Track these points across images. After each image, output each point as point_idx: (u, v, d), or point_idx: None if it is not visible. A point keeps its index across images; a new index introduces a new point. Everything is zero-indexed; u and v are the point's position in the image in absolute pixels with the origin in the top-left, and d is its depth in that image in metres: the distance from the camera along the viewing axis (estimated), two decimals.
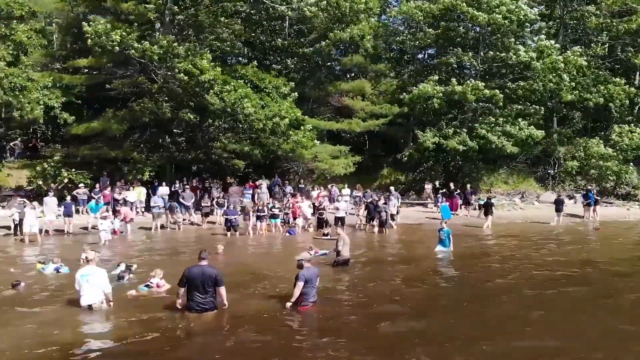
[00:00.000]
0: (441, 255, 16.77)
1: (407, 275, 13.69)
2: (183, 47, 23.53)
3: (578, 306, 10.90)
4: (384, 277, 13.51)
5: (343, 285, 12.61)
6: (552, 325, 9.47)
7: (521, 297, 11.54)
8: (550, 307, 10.61)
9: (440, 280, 13.66)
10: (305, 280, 10.05)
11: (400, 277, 13.52)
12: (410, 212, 28.79)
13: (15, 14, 23.56)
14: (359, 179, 33.38)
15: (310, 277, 10.17)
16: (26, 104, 22.05)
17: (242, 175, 31.19)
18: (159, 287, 12.24)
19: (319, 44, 28.86)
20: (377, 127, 30.98)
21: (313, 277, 10.25)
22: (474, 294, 11.86)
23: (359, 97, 31.24)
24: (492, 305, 10.95)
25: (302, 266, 10.25)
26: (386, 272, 14.20)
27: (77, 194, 24.35)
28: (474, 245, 19.44)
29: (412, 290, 12.10)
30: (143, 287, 12.12)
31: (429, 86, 28.58)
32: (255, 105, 23.72)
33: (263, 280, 12.77)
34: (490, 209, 24.51)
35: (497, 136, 28.92)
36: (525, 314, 10.17)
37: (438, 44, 31.13)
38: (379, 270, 14.44)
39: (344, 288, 12.37)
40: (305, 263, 10.32)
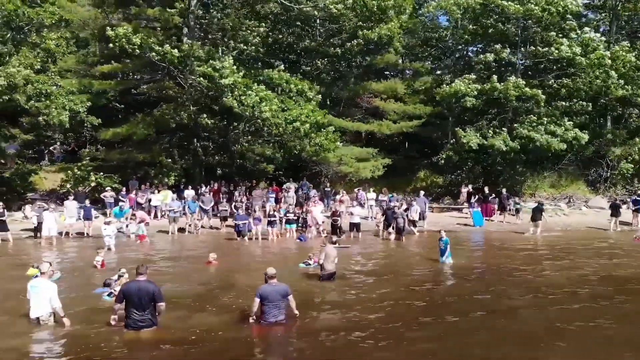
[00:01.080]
0: (442, 267, 15.64)
1: (391, 295, 12.25)
2: (203, 50, 23.38)
3: None
4: (373, 294, 12.42)
5: (326, 304, 11.54)
6: None
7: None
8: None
9: (421, 301, 11.89)
10: (263, 297, 9.33)
11: (385, 297, 12.16)
12: (442, 217, 27.40)
13: (46, 22, 24.25)
14: (393, 182, 32.27)
15: (270, 294, 9.35)
16: (52, 109, 22.62)
17: (272, 178, 31.02)
18: None
19: (349, 44, 28.00)
20: (410, 128, 29.74)
21: (274, 295, 9.38)
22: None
23: (391, 99, 30.10)
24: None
25: (265, 280, 9.56)
26: (376, 288, 13.15)
27: (104, 197, 24.88)
28: (495, 256, 18.07)
29: (388, 315, 10.85)
30: (106, 296, 11.92)
31: (462, 84, 27.07)
32: (274, 109, 23.22)
33: (238, 292, 12.15)
34: (539, 214, 22.98)
35: (541, 134, 26.96)
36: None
37: (476, 40, 29.48)
38: (371, 286, 13.40)
39: (327, 307, 11.29)
40: (270, 278, 9.53)
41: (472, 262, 16.49)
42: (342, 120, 28.63)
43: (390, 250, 19.18)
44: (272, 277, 9.53)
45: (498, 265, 16.39)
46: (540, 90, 26.98)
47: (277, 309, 9.44)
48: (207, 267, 15.10)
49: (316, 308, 11.02)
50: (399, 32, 27.40)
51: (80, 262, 16.94)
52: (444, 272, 15.24)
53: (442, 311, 10.86)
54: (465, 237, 22.77)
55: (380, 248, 19.65)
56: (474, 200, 27.18)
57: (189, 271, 14.80)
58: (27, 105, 22.30)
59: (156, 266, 15.41)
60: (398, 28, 27.50)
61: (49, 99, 22.68)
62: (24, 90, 21.44)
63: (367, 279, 13.94)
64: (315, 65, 29.39)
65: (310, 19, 28.45)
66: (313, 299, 11.68)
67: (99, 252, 16.22)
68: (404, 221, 20.89)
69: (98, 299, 11.71)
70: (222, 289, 12.14)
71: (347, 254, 17.66)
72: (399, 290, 12.71)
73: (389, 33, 26.91)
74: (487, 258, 17.94)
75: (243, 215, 20.86)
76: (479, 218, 25.38)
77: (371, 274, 14.69)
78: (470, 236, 23.21)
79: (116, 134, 25.93)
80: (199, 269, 15.08)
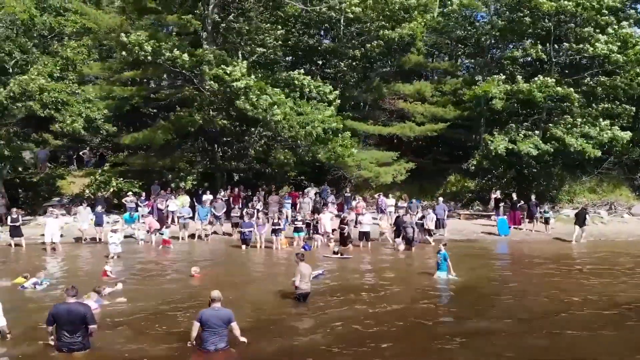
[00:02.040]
0: (435, 283, 14.58)
1: (356, 317, 11.30)
2: (214, 54, 23.16)
3: None
4: (356, 315, 11.53)
5: (286, 328, 10.74)
6: None
7: None
8: None
9: (385, 325, 10.78)
10: (203, 322, 8.73)
11: (350, 318, 11.25)
12: (468, 225, 26.05)
13: (66, 31, 24.75)
14: (422, 186, 31.12)
15: (211, 319, 8.71)
16: (67, 117, 23.00)
17: (295, 183, 30.57)
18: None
19: (369, 45, 27.08)
20: (435, 131, 28.46)
21: (215, 320, 8.73)
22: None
23: (417, 102, 28.89)
24: None
25: (209, 303, 9.00)
26: (362, 306, 12.30)
27: (125, 202, 25.13)
28: (504, 270, 16.82)
29: (343, 340, 9.99)
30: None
31: (490, 85, 25.60)
32: (287, 112, 22.68)
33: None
34: (582, 220, 21.85)
35: (576, 138, 25.09)
36: None
37: (506, 38, 27.84)
38: (347, 303, 12.50)
39: (287, 331, 10.50)
40: (213, 301, 8.90)
41: (473, 278, 15.29)
42: (362, 124, 27.73)
43: (392, 263, 18.12)
44: (215, 300, 8.93)
45: (497, 280, 15.35)
46: (574, 89, 25.08)
47: (217, 336, 8.81)
48: (189, 280, 14.67)
49: (271, 332, 10.32)
50: (422, 31, 26.16)
51: (84, 269, 17.14)
52: (435, 289, 14.12)
53: (394, 339, 9.94)
54: (482, 247, 21.50)
55: (384, 260, 18.63)
56: (502, 206, 25.71)
57: (167, 284, 14.45)
58: (44, 113, 22.71)
59: (138, 277, 15.25)
60: (422, 27, 26.25)
61: (65, 107, 23.04)
62: (39, 99, 21.79)
63: (344, 296, 13.04)
64: (338, 67, 28.60)
65: (331, 21, 27.67)
66: (272, 323, 10.98)
67: (107, 262, 16.36)
68: (414, 231, 19.81)
69: None
70: (185, 308, 11.61)
71: (343, 267, 16.92)
72: (366, 311, 11.76)
73: (412, 32, 25.73)
74: (489, 271, 16.74)
75: (249, 223, 20.41)
76: (504, 227, 23.88)
77: (350, 290, 13.75)
78: (490, 247, 21.89)
79: (135, 139, 26.09)
80: (180, 281, 14.73)
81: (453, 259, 18.41)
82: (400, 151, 30.30)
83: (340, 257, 18.24)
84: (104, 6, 30.24)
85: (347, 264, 17.58)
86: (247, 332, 9.39)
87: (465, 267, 16.25)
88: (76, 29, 25.68)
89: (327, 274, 15.37)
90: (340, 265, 17.19)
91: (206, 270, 15.78)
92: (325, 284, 14.34)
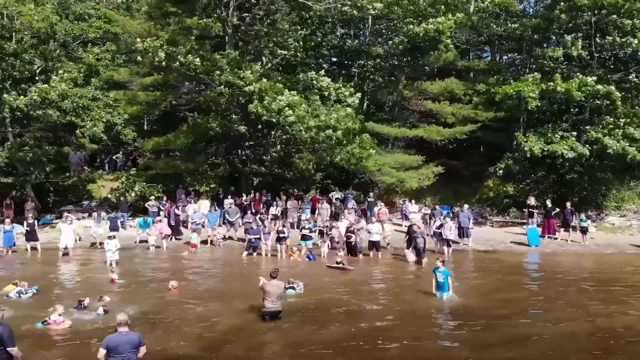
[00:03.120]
0: (439, 304, 13.36)
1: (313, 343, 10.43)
2: (227, 58, 22.81)
3: None
4: (324, 338, 10.70)
5: (257, 347, 10.22)
6: None
7: None
8: None
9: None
10: (110, 348, 8.07)
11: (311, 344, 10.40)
12: (498, 233, 24.37)
13: (90, 37, 25.18)
14: (457, 191, 29.52)
15: (119, 345, 8.04)
16: (88, 122, 23.35)
17: (321, 187, 29.83)
18: (56, 323, 11.57)
19: (391, 42, 25.90)
20: (465, 134, 26.88)
21: (123, 346, 8.05)
22: None
23: (446, 102, 27.39)
24: None
25: (115, 328, 8.42)
26: (333, 329, 11.41)
27: (148, 206, 25.29)
28: (514, 289, 15.33)
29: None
30: (40, 323, 11.57)
31: (523, 84, 23.79)
32: (301, 114, 21.97)
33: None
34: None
35: (617, 140, 22.90)
36: None
37: (541, 33, 25.86)
38: (328, 326, 11.59)
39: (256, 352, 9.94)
40: (120, 325, 8.27)
41: (484, 299, 13.85)
42: (384, 126, 26.55)
43: (394, 277, 16.89)
44: (122, 324, 8.29)
45: (514, 302, 13.69)
46: (617, 87, 22.85)
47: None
48: (167, 295, 14.13)
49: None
50: (450, 26, 24.64)
51: (81, 277, 17.16)
52: (425, 312, 12.89)
53: None
54: (506, 260, 19.78)
55: (386, 272, 17.52)
56: (537, 213, 23.87)
57: (144, 295, 14.08)
58: (65, 120, 23.12)
59: (122, 287, 14.99)
60: (450, 23, 24.72)
61: (86, 112, 23.39)
62: (58, 106, 22.19)
63: (317, 316, 12.17)
64: (364, 66, 27.58)
65: (354, 19, 26.72)
66: (223, 343, 10.29)
67: (113, 270, 16.42)
68: (425, 241, 18.52)
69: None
70: (155, 325, 11.21)
71: (334, 281, 15.93)
72: (336, 336, 10.83)
73: (438, 28, 24.31)
74: (509, 290, 15.14)
75: (256, 230, 19.85)
76: (535, 237, 22.05)
77: (327, 308, 12.85)
78: (515, 259, 20.13)
79: (157, 144, 26.23)
80: (160, 292, 14.32)
81: (468, 272, 17.30)
82: (431, 154, 29.01)
83: (341, 267, 17.32)
84: (134, 12, 30.62)
85: (342, 276, 16.57)
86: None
87: (478, 283, 14.99)
88: (100, 35, 26.04)
89: (301, 287, 14.41)
90: (333, 279, 16.22)
91: (190, 283, 15.38)
92: (305, 300, 13.51)
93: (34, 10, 21.46)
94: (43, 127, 24.28)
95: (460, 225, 22.21)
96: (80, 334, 11.08)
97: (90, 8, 26.52)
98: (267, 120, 23.21)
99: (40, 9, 22.48)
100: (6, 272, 17.28)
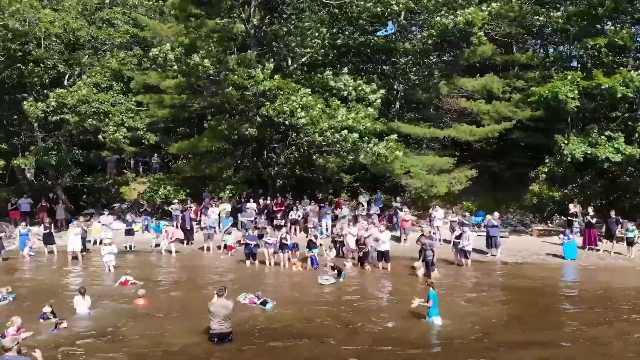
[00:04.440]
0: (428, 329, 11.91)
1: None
2: (237, 60, 22.20)
3: None
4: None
5: None
6: None
7: None
8: None
9: None
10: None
11: None
12: (533, 243, 22.15)
13: (115, 42, 25.41)
14: (497, 196, 27.30)
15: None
16: (111, 127, 23.52)
17: (351, 189, 28.69)
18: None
19: (420, 35, 24.26)
20: (504, 133, 24.79)
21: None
22: None
23: (482, 100, 25.35)
24: None
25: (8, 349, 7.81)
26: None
27: (171, 210, 25.26)
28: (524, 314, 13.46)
29: None
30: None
31: (559, 83, 21.50)
32: (314, 115, 20.99)
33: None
34: None
35: None
36: None
37: (587, 22, 23.28)
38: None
39: None
40: (9, 352, 7.64)
41: (470, 330, 11.95)
42: (411, 126, 24.94)
43: (390, 293, 15.47)
44: (8, 350, 7.66)
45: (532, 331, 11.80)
46: None
47: None
48: (134, 306, 13.59)
49: None
50: (482, 18, 22.63)
51: (75, 283, 17.09)
52: (406, 340, 11.37)
53: None
54: (533, 275, 17.56)
55: (384, 287, 16.11)
56: (578, 222, 21.46)
57: (115, 306, 13.62)
58: (87, 124, 23.41)
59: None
60: (483, 14, 22.74)
61: (107, 117, 23.57)
62: (77, 111, 22.46)
63: (278, 335, 11.13)
64: (393, 63, 26.11)
65: (383, 15, 25.28)
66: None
67: (126, 272, 16.52)
68: (433, 254, 16.89)
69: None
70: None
71: (319, 296, 14.75)
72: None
73: (468, 20, 22.40)
74: (529, 314, 12.99)
75: (253, 236, 19.02)
76: (571, 249, 19.71)
77: (297, 325, 11.78)
78: (545, 274, 17.78)
79: (180, 148, 26.14)
80: (120, 305, 13.81)
81: (484, 290, 15.58)
82: (471, 156, 27.14)
83: (335, 276, 16.12)
84: (167, 16, 30.74)
85: (330, 291, 15.36)
86: None
87: (488, 306, 13.28)
88: (126, 40, 26.25)
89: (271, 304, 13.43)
90: (319, 295, 15.04)
91: (164, 294, 14.85)
92: (274, 317, 12.50)
93: (49, 15, 21.78)
94: (69, 131, 24.71)
95: (489, 234, 20.37)
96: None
97: (116, 13, 26.78)
98: (280, 122, 22.45)
99: (59, 14, 22.85)
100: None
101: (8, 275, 17.66)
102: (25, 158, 23.40)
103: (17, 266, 19.41)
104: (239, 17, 24.25)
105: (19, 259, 20.32)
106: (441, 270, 17.32)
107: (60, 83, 24.60)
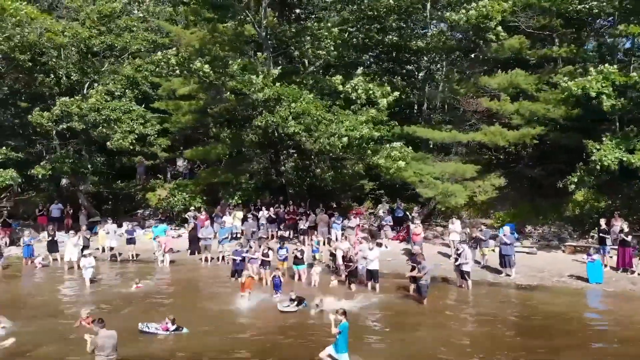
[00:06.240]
0: None
1: None
2: (239, 64, 21.37)
3: None
4: None
5: None
6: None
7: None
8: None
9: None
10: None
11: None
12: (560, 262, 19.61)
13: (131, 49, 25.47)
14: (534, 207, 24.54)
15: None
16: (118, 134, 23.52)
17: (374, 198, 27.10)
18: None
19: (430, 31, 22.30)
20: (534, 137, 22.19)
21: None
22: None
23: (507, 98, 22.86)
24: None
25: None
26: None
27: (187, 217, 25.00)
28: None
29: None
30: None
31: (591, 80, 18.78)
32: (307, 122, 19.79)
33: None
34: None
35: None
36: None
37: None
38: None
39: None
40: None
41: None
42: (428, 130, 22.91)
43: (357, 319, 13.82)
44: None
45: None
46: None
47: None
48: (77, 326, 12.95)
49: None
50: (500, 10, 20.29)
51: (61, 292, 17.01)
52: None
53: None
54: (544, 303, 15.27)
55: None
56: (611, 239, 18.62)
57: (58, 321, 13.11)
58: (95, 132, 23.55)
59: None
60: (502, 5, 20.45)
61: (116, 124, 23.59)
62: (84, 120, 22.60)
63: None
64: (408, 62, 24.31)
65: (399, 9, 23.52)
66: None
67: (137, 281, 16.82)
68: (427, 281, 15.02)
69: None
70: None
71: (266, 322, 13.48)
72: None
73: (482, 13, 20.20)
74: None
75: (240, 251, 17.99)
76: (596, 272, 17.01)
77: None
78: (559, 301, 15.41)
79: (193, 154, 25.86)
80: (62, 323, 13.29)
81: (479, 323, 13.62)
82: (503, 162, 24.72)
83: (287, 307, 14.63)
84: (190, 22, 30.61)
85: (286, 318, 14.00)
86: None
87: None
88: (144, 47, 26.23)
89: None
90: (270, 319, 13.86)
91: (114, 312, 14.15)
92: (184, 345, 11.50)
93: (57, 25, 22.01)
94: (90, 138, 25.05)
95: (501, 252, 18.14)
96: None
97: (134, 20, 26.86)
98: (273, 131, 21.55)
99: (67, 23, 23.12)
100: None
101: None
102: (41, 167, 23.87)
103: (13, 273, 19.73)
104: (246, 20, 23.44)
105: (21, 265, 20.66)
106: (434, 292, 15.50)
107: (75, 91, 24.92)
